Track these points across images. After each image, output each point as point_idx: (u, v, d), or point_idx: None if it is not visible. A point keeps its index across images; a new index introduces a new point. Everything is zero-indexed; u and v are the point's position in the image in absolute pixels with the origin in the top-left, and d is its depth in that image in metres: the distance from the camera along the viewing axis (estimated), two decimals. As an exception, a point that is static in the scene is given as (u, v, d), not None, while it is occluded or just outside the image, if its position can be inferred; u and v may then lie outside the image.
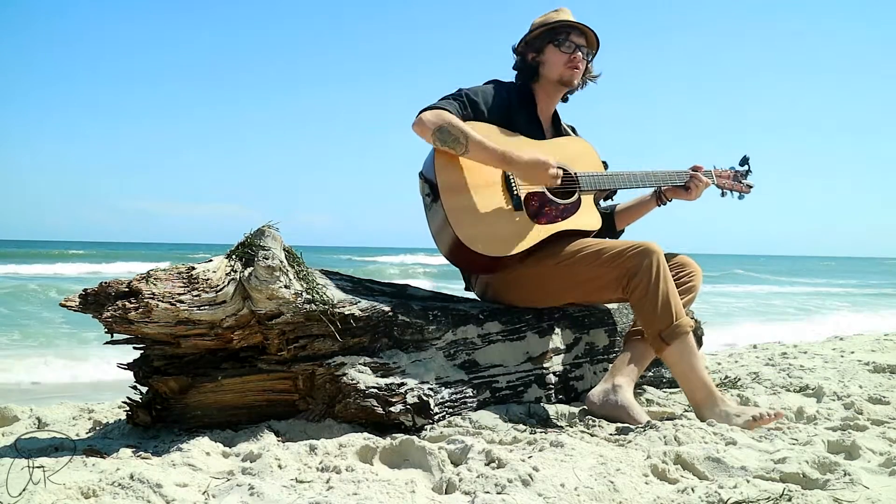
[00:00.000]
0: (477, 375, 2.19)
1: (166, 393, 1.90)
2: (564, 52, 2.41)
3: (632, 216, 2.69)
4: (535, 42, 2.45)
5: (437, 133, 2.20)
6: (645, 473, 1.55)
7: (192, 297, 1.76)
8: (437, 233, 2.29)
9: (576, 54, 2.42)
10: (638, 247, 2.20)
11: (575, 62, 2.43)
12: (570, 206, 2.35)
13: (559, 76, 2.44)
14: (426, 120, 2.21)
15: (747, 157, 2.69)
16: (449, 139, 2.19)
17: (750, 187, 2.67)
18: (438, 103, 2.29)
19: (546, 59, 2.44)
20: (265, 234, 1.91)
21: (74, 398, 3.19)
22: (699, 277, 2.43)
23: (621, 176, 2.46)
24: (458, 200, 2.22)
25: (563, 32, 2.42)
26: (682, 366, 2.16)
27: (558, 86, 2.47)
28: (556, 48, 2.42)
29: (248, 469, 1.54)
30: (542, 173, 2.23)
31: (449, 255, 2.31)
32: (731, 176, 2.65)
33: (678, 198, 2.58)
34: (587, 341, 2.53)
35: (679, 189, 2.56)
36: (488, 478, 1.42)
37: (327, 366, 1.92)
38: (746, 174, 2.68)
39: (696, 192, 2.54)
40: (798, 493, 1.39)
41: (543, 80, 2.47)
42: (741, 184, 2.66)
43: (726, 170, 2.67)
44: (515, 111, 2.41)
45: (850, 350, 4.55)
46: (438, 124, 2.20)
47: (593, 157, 2.49)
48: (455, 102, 2.30)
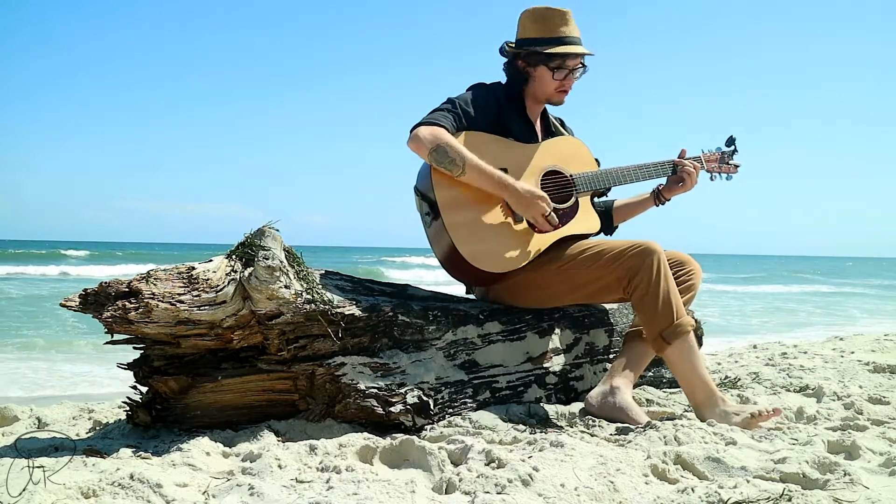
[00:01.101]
0: (477, 375, 2.19)
1: (166, 393, 1.90)
2: (557, 79, 2.36)
3: (628, 213, 2.68)
4: (529, 58, 2.36)
5: (434, 153, 2.15)
6: (645, 473, 1.55)
7: (192, 297, 1.76)
8: (440, 249, 2.27)
9: (568, 80, 2.38)
10: (638, 246, 2.20)
11: (567, 86, 2.39)
12: (569, 210, 2.35)
13: (547, 97, 2.41)
14: (422, 137, 2.17)
15: (733, 137, 2.69)
16: (445, 160, 2.15)
17: (737, 167, 2.68)
18: (433, 117, 2.23)
19: (537, 77, 2.37)
20: (265, 234, 1.91)
21: (74, 398, 3.19)
22: (699, 275, 2.43)
23: (615, 172, 2.44)
24: (459, 216, 2.20)
25: (559, 59, 2.34)
26: (683, 365, 2.16)
27: (544, 100, 2.44)
28: (549, 71, 2.35)
29: (248, 469, 1.54)
30: (535, 206, 2.20)
31: (451, 271, 2.30)
32: (719, 158, 2.65)
33: (676, 194, 2.56)
34: (587, 341, 2.53)
35: (674, 186, 2.54)
36: (488, 478, 1.42)
37: (327, 366, 1.92)
38: (733, 154, 2.68)
39: (690, 181, 2.51)
40: (798, 493, 1.38)
41: (530, 90, 2.42)
42: (728, 164, 2.66)
43: (713, 152, 2.66)
44: (506, 114, 2.37)
45: (850, 350, 4.55)
46: (435, 144, 2.15)
47: (586, 156, 2.47)
48: (449, 115, 2.25)
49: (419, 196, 2.31)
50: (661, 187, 2.58)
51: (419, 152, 2.19)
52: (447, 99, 2.32)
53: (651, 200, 2.61)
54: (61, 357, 5.27)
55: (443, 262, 2.31)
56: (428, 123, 2.21)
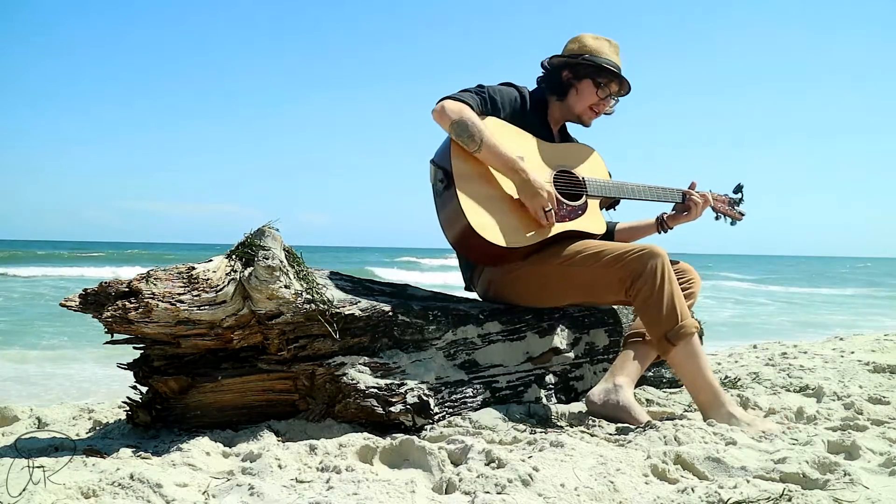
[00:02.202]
0: (477, 375, 2.19)
1: (166, 393, 1.90)
2: (599, 96, 2.45)
3: (630, 236, 2.72)
4: (579, 68, 2.45)
5: (456, 125, 2.21)
6: (645, 473, 1.55)
7: (192, 297, 1.76)
8: (447, 218, 2.29)
9: (606, 102, 2.47)
10: (642, 249, 2.20)
11: (601, 109, 2.49)
12: (578, 208, 2.39)
13: (580, 113, 2.50)
14: (448, 109, 2.23)
15: (741, 185, 2.80)
16: (465, 134, 2.21)
17: (742, 215, 2.78)
18: (461, 95, 2.31)
19: (579, 89, 2.46)
20: (265, 234, 1.91)
21: (74, 398, 3.19)
22: (698, 284, 2.47)
23: (626, 186, 2.51)
24: (472, 188, 2.24)
25: (608, 76, 2.45)
26: (688, 367, 2.16)
27: (572, 117, 2.52)
28: (594, 87, 2.45)
29: (248, 469, 1.54)
30: (539, 197, 2.24)
31: (456, 242, 2.31)
32: (727, 202, 2.75)
33: (680, 223, 2.65)
34: (587, 341, 2.53)
35: (680, 215, 2.63)
36: (488, 478, 1.42)
37: (327, 366, 1.92)
38: (739, 202, 2.77)
39: (695, 210, 2.60)
40: (798, 493, 1.38)
41: (565, 103, 2.50)
42: (734, 210, 2.76)
43: (722, 195, 2.75)
44: (528, 114, 2.45)
45: (850, 350, 4.55)
46: (459, 117, 2.21)
47: (599, 164, 2.53)
48: (476, 97, 2.32)
49: (434, 166, 2.35)
50: (666, 216, 2.67)
51: (441, 122, 2.25)
52: (478, 84, 2.39)
53: (654, 227, 2.68)
54: (62, 356, 5.27)
55: (447, 232, 2.32)
56: (456, 99, 2.28)
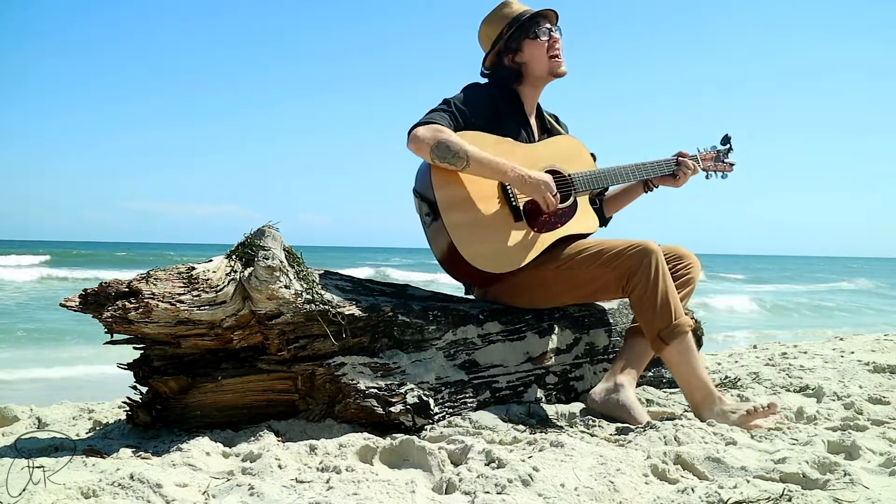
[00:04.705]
0: (477, 375, 2.19)
1: (166, 393, 1.90)
2: (543, 41, 2.38)
3: (620, 203, 2.68)
4: (510, 44, 2.39)
5: (436, 150, 2.15)
6: (645, 473, 1.55)
7: (192, 297, 1.76)
8: (440, 251, 2.27)
9: (553, 39, 2.39)
10: (637, 246, 2.20)
11: (556, 49, 2.40)
12: (568, 209, 2.36)
13: (548, 69, 2.41)
14: (422, 137, 2.16)
15: (728, 135, 2.73)
16: (449, 155, 2.15)
17: (732, 165, 2.71)
18: (429, 117, 2.23)
19: (528, 55, 2.39)
20: (265, 234, 1.91)
21: (74, 398, 3.19)
22: (697, 269, 2.42)
23: (613, 172, 2.45)
24: (459, 217, 2.20)
25: (534, 23, 2.37)
26: (682, 366, 2.16)
27: (549, 78, 2.44)
28: (533, 39, 2.37)
29: (248, 469, 1.54)
30: (542, 186, 2.21)
31: (451, 271, 2.31)
32: (714, 156, 2.69)
33: (665, 185, 2.59)
34: (587, 341, 2.53)
35: (666, 177, 2.56)
36: (488, 478, 1.42)
37: (327, 366, 1.92)
38: (728, 152, 2.71)
39: (683, 179, 2.55)
40: (798, 493, 1.39)
41: (530, 77, 2.43)
42: (724, 163, 2.70)
43: (709, 150, 2.69)
44: (503, 114, 2.38)
45: (850, 350, 4.55)
46: (436, 141, 2.15)
47: (584, 155, 2.48)
48: (445, 115, 2.25)
49: (418, 197, 2.30)
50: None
51: (420, 152, 2.18)
52: (442, 100, 2.32)
53: (640, 188, 2.63)
54: (62, 357, 5.27)
55: (442, 263, 2.31)
56: (425, 123, 2.21)
